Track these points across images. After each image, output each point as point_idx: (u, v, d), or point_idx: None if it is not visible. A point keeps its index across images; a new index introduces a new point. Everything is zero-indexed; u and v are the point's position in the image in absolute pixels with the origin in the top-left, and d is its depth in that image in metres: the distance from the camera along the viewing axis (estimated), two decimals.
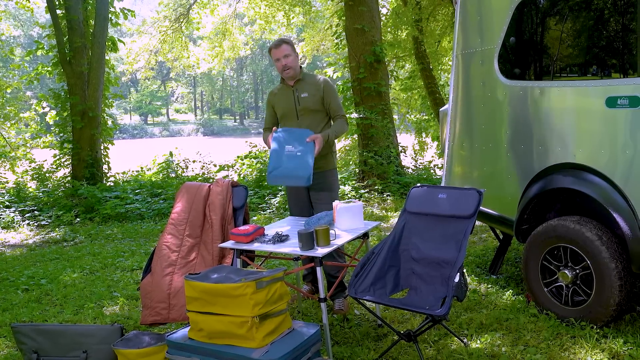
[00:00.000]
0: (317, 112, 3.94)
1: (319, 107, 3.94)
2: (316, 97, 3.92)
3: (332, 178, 4.02)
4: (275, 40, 3.94)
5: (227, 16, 16.48)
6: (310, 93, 3.92)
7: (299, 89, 3.94)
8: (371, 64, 9.13)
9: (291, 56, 3.87)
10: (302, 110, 3.93)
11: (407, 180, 9.05)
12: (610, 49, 3.24)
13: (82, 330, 3.15)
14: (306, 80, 3.97)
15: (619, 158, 3.14)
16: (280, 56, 3.85)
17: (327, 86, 3.94)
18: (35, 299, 4.73)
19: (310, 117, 3.93)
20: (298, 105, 3.93)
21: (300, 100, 3.93)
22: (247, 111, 64.71)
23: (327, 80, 3.98)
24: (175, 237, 4.10)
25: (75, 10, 9.72)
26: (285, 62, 3.86)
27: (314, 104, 3.92)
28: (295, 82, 3.95)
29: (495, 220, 4.16)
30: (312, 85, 3.94)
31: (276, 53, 3.86)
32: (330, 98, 3.94)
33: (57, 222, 8.25)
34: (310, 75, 4.02)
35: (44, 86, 34.10)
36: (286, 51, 3.86)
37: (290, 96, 3.97)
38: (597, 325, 3.32)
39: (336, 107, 3.97)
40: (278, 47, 3.86)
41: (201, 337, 2.74)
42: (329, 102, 3.94)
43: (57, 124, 10.28)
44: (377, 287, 3.22)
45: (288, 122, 4.00)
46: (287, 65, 3.87)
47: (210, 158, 10.89)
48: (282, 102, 4.00)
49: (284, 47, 3.86)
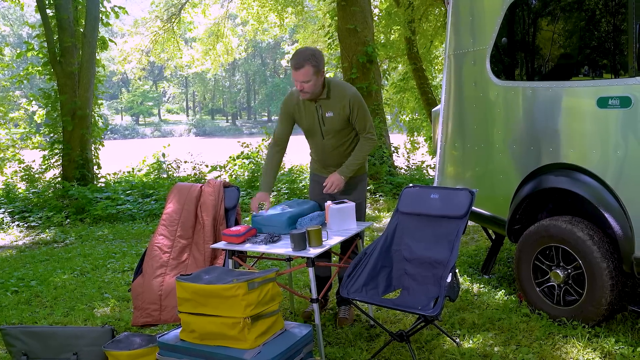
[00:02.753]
0: (343, 130, 3.58)
1: (346, 125, 3.56)
2: (342, 116, 3.51)
3: (362, 186, 3.79)
4: (297, 55, 3.35)
5: (220, 17, 16.44)
6: (335, 112, 3.50)
7: (323, 107, 3.52)
8: (363, 64, 9.14)
9: (311, 81, 3.35)
10: (327, 131, 3.58)
11: (399, 181, 9.06)
12: (602, 50, 3.25)
13: (72, 332, 3.12)
14: (332, 97, 3.50)
15: (610, 158, 3.15)
16: (299, 80, 3.35)
17: (354, 103, 3.49)
18: (25, 301, 4.69)
19: (337, 137, 3.60)
20: (323, 126, 3.56)
21: (326, 120, 3.54)
22: (239, 111, 64.62)
23: (355, 95, 3.50)
24: (166, 238, 4.08)
25: (66, 9, 9.64)
26: (302, 87, 3.38)
27: (340, 123, 3.53)
28: (318, 99, 3.52)
29: (488, 220, 4.17)
30: (337, 102, 3.49)
31: (296, 75, 3.35)
32: (357, 116, 3.52)
33: (48, 223, 8.19)
34: (336, 88, 3.51)
35: (34, 86, 33.90)
36: (307, 76, 3.32)
37: (313, 113, 3.57)
38: (589, 324, 3.33)
39: (362, 125, 3.56)
40: (298, 69, 3.31)
41: (193, 338, 2.73)
42: (355, 121, 3.54)
43: (47, 125, 10.20)
44: (369, 288, 3.21)
45: (313, 139, 3.68)
46: (304, 90, 3.40)
47: (202, 158, 10.86)
48: (305, 118, 3.61)
49: (306, 70, 3.31)
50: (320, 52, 3.45)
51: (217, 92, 60.09)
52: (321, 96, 3.50)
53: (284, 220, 3.42)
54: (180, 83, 59.60)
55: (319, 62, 3.36)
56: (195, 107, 65.86)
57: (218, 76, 54.55)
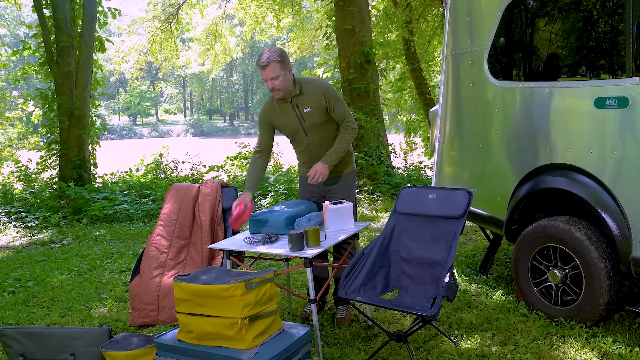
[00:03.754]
0: (325, 123, 3.61)
1: (326, 118, 3.60)
2: (320, 110, 3.55)
3: (350, 182, 3.79)
4: (262, 56, 3.42)
5: (217, 17, 16.44)
6: (312, 106, 3.54)
7: (299, 104, 3.55)
8: (361, 65, 9.14)
9: (280, 76, 3.40)
10: (309, 127, 3.60)
11: (397, 181, 9.06)
12: (599, 50, 3.25)
13: (69, 332, 3.11)
14: (305, 92, 3.55)
15: (607, 158, 3.15)
16: (268, 78, 3.40)
17: (328, 94, 3.55)
18: (22, 302, 4.67)
19: (320, 131, 3.62)
20: (304, 123, 3.58)
21: (305, 116, 3.56)
22: (236, 112, 64.59)
23: (327, 87, 3.59)
24: (164, 238, 4.07)
25: (63, 9, 9.62)
26: (273, 84, 3.42)
27: (320, 117, 3.57)
28: (293, 97, 3.56)
29: (485, 220, 4.17)
30: (312, 96, 3.54)
31: (263, 74, 3.41)
32: (334, 106, 3.56)
33: (45, 223, 8.16)
34: (308, 84, 3.58)
35: (31, 86, 33.82)
36: (274, 72, 3.38)
37: (291, 114, 3.59)
38: (587, 324, 3.33)
39: (341, 115, 3.60)
40: (265, 67, 3.38)
41: (190, 338, 2.72)
42: (332, 110, 3.57)
43: (44, 125, 10.18)
44: (367, 288, 3.21)
45: (297, 139, 3.69)
46: (276, 88, 3.44)
47: (199, 159, 10.85)
48: (285, 121, 3.64)
49: (272, 67, 3.37)
50: (283, 49, 3.52)
51: (215, 93, 60.06)
52: (295, 92, 3.54)
53: (282, 220, 3.42)
54: (178, 83, 59.56)
55: (283, 57, 3.42)
56: (192, 107, 65.82)
57: (216, 76, 54.54)
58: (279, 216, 3.44)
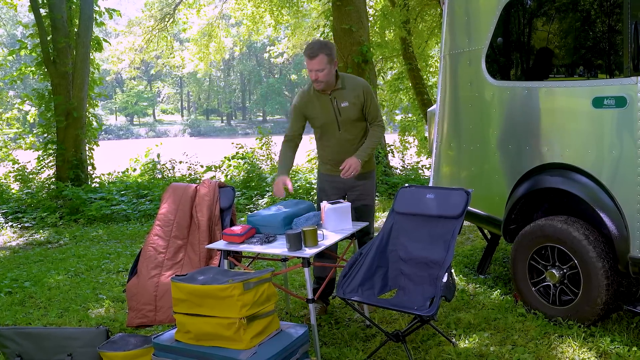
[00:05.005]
0: (357, 121, 3.66)
1: (360, 116, 3.65)
2: (357, 106, 3.61)
3: (373, 180, 3.85)
4: (311, 45, 3.48)
5: (214, 17, 16.42)
6: (350, 102, 3.59)
7: (337, 98, 3.59)
8: (358, 64, 9.14)
9: (325, 69, 3.45)
10: (343, 121, 3.63)
11: (395, 181, 9.07)
12: (597, 50, 3.26)
13: (66, 333, 3.09)
14: (345, 87, 3.60)
15: (605, 158, 3.15)
16: (314, 69, 3.45)
17: (367, 92, 3.62)
18: (19, 302, 4.66)
19: (352, 127, 3.67)
20: (339, 117, 3.61)
21: (342, 110, 3.60)
22: (234, 112, 64.52)
23: (367, 85, 3.66)
24: (162, 238, 4.06)
25: (59, 9, 9.59)
26: (317, 75, 3.47)
27: (355, 112, 3.62)
28: (332, 91, 3.60)
29: (483, 220, 4.17)
30: (351, 92, 3.60)
31: (310, 64, 3.45)
32: (370, 104, 3.63)
33: (41, 223, 8.14)
34: (350, 79, 3.65)
35: (28, 86, 33.74)
36: (321, 64, 3.43)
37: (328, 106, 3.62)
38: (585, 324, 3.33)
39: (374, 113, 3.67)
40: (313, 58, 3.43)
41: (188, 339, 2.71)
42: (368, 108, 3.64)
43: (41, 125, 10.14)
44: (365, 288, 3.21)
45: (328, 133, 3.70)
46: (319, 80, 3.49)
47: (197, 159, 10.83)
48: (320, 113, 3.65)
49: (320, 58, 3.42)
50: (333, 43, 3.57)
51: (212, 93, 59.96)
52: (335, 86, 3.58)
53: (280, 220, 3.41)
54: (175, 83, 59.45)
55: (331, 51, 3.49)
56: (190, 107, 65.73)
57: (213, 76, 54.51)
58: (277, 216, 3.44)
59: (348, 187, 3.79)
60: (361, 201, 3.77)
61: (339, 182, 3.75)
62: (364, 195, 3.79)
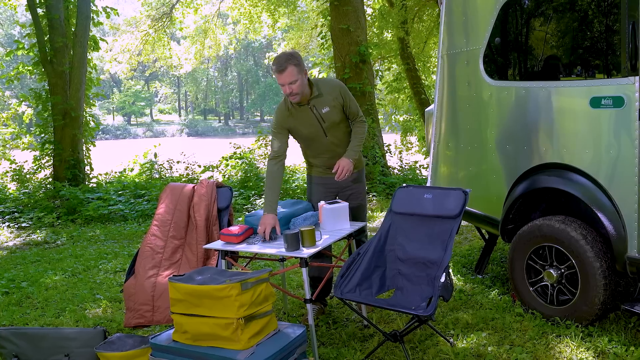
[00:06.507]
0: (341, 122, 3.60)
1: (342, 117, 3.59)
2: (337, 108, 3.54)
3: (363, 178, 3.83)
4: (278, 58, 3.35)
5: (210, 15, 16.42)
6: (330, 105, 3.51)
7: (316, 105, 3.50)
8: (356, 64, 9.14)
9: (298, 80, 3.33)
10: (328, 127, 3.56)
11: (392, 181, 9.07)
12: (594, 50, 3.26)
13: (64, 333, 3.09)
14: (322, 93, 3.51)
15: (603, 158, 3.16)
16: (286, 82, 3.32)
17: (343, 91, 3.55)
18: (16, 302, 4.64)
19: (338, 130, 3.61)
20: (324, 124, 3.54)
21: (324, 117, 3.52)
22: (231, 111, 64.50)
23: (341, 85, 3.59)
24: (159, 238, 4.06)
25: (57, 9, 9.57)
26: (291, 89, 3.35)
27: (338, 115, 3.55)
28: (310, 99, 3.50)
29: (481, 220, 4.17)
30: (329, 95, 3.51)
31: (281, 78, 3.33)
32: (349, 103, 3.57)
33: (38, 223, 8.12)
34: (323, 84, 3.54)
35: (25, 86, 33.66)
36: (292, 76, 3.31)
37: (309, 116, 3.53)
38: (582, 324, 3.34)
39: (355, 111, 3.61)
40: (282, 71, 3.30)
41: (186, 339, 2.71)
42: (348, 107, 3.58)
43: (38, 125, 10.12)
44: (363, 288, 3.20)
45: (316, 142, 3.63)
46: (294, 92, 3.36)
47: (194, 159, 10.82)
48: (303, 125, 3.56)
49: (290, 70, 3.30)
50: (298, 52, 3.47)
51: (210, 92, 59.93)
52: (312, 95, 3.48)
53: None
54: (173, 83, 59.41)
55: (299, 60, 3.38)
56: (187, 107, 65.68)
57: (210, 76, 54.47)
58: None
59: (341, 188, 3.77)
60: (354, 201, 3.77)
61: (331, 184, 3.73)
62: (355, 194, 3.77)
